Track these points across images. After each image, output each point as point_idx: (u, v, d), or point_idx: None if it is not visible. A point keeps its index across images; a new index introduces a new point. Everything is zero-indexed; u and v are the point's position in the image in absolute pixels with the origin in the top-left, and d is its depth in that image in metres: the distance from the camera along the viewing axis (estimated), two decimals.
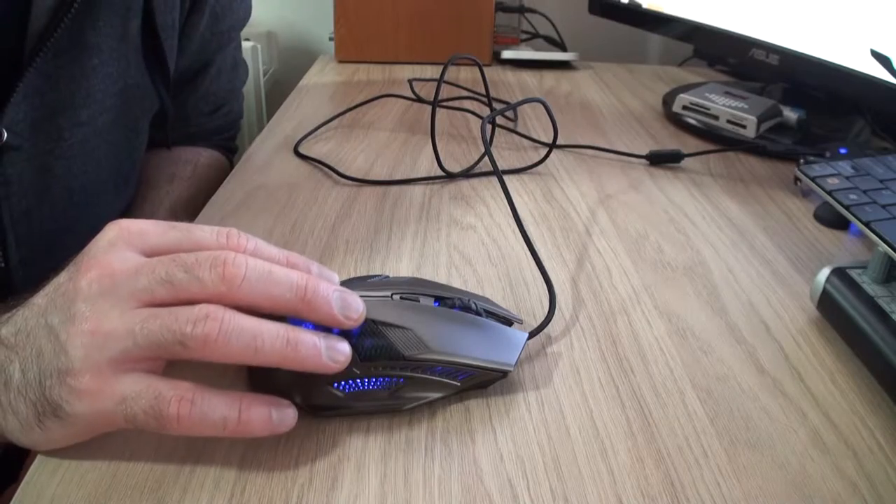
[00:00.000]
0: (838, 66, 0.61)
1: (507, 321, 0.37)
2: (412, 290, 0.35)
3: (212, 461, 0.29)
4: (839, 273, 0.39)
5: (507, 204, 0.44)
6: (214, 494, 0.28)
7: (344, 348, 0.30)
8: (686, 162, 0.63)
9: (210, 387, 0.28)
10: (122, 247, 0.29)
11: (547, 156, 0.60)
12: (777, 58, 0.66)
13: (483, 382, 0.34)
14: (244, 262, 0.28)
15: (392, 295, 0.34)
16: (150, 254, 0.30)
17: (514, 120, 0.73)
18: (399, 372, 0.32)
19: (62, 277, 0.29)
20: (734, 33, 0.72)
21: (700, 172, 0.62)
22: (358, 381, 0.31)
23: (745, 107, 0.68)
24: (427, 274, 0.44)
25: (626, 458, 0.31)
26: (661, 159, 0.63)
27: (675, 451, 0.31)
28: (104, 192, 0.55)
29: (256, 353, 0.28)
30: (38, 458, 0.30)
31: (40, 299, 0.29)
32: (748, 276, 0.45)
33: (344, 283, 0.34)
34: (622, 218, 0.52)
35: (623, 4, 0.86)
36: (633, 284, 0.44)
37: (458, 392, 0.33)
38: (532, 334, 0.36)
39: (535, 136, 0.68)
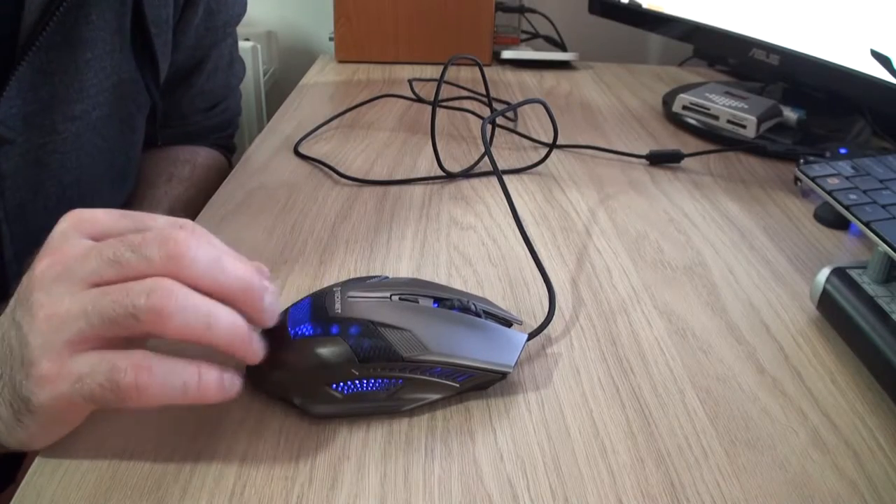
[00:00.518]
0: (838, 66, 0.61)
1: (507, 322, 0.37)
2: (411, 290, 0.34)
3: (212, 461, 0.29)
4: (839, 273, 0.39)
5: (507, 204, 0.43)
6: (214, 494, 0.28)
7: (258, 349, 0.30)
8: (686, 162, 0.63)
9: (165, 354, 0.28)
10: (74, 234, 0.29)
11: (547, 156, 0.60)
12: (777, 58, 0.66)
13: (482, 383, 0.34)
14: (193, 242, 0.28)
15: (391, 296, 0.34)
16: (102, 239, 0.30)
17: (515, 120, 0.73)
18: (398, 373, 0.31)
19: (28, 274, 0.30)
20: (734, 33, 0.72)
21: (700, 172, 0.62)
22: (356, 382, 0.31)
23: (745, 107, 0.68)
24: (427, 274, 0.44)
25: (626, 458, 0.31)
26: (661, 159, 0.63)
27: (675, 451, 0.31)
28: (99, 187, 0.55)
29: (209, 331, 0.28)
30: (38, 459, 0.30)
31: (12, 299, 0.30)
32: (748, 276, 0.45)
33: (343, 284, 0.34)
34: (622, 218, 0.52)
35: (623, 4, 0.86)
36: (633, 284, 0.44)
37: (458, 393, 0.33)
38: (531, 335, 0.36)
39: (535, 136, 0.68)
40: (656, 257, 0.47)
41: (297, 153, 0.62)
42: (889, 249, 0.37)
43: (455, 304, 0.35)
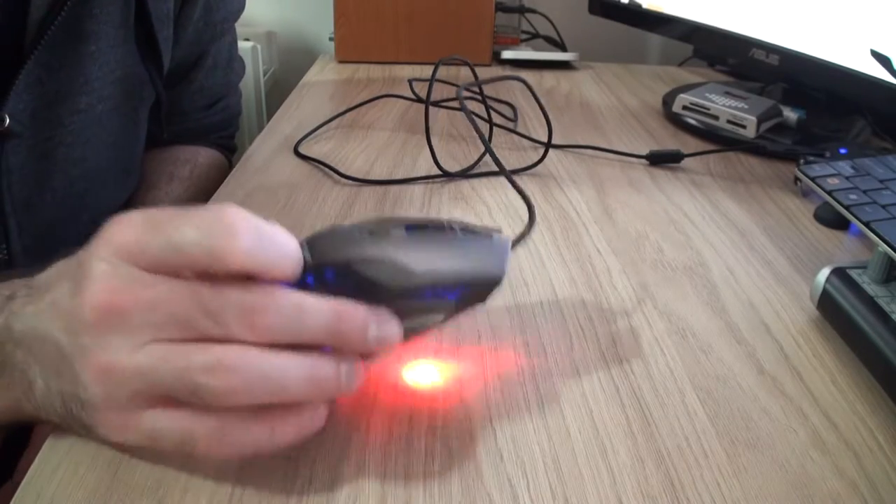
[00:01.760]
0: (838, 66, 0.61)
1: (488, 233, 0.34)
2: (380, 225, 0.31)
3: (212, 461, 0.29)
4: (839, 273, 0.39)
5: (507, 205, 0.43)
6: (214, 494, 0.28)
7: (357, 374, 0.28)
8: (686, 162, 0.63)
9: (240, 412, 0.27)
10: (121, 264, 0.26)
11: (544, 156, 0.60)
12: (777, 58, 0.66)
13: (478, 296, 0.32)
14: (274, 306, 0.26)
15: (359, 233, 0.30)
16: (143, 261, 0.26)
17: (515, 120, 0.73)
18: (386, 306, 0.29)
19: (62, 291, 0.27)
20: (734, 33, 0.72)
21: (700, 172, 0.62)
22: None
23: (745, 107, 0.68)
24: None
25: (626, 458, 0.31)
26: (661, 159, 0.63)
27: (675, 451, 0.31)
28: (105, 181, 0.56)
29: (282, 393, 0.26)
30: (38, 459, 0.30)
31: (44, 300, 0.28)
32: (748, 276, 0.45)
33: (307, 238, 0.31)
34: (622, 218, 0.52)
35: (623, 4, 0.86)
36: (633, 284, 0.44)
37: (456, 313, 0.31)
38: (515, 242, 0.34)
39: (535, 137, 0.68)
40: (656, 257, 0.47)
41: (297, 153, 0.62)
42: (889, 249, 0.37)
43: (428, 226, 0.32)
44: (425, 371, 0.35)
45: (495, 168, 0.47)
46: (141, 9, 0.54)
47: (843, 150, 0.57)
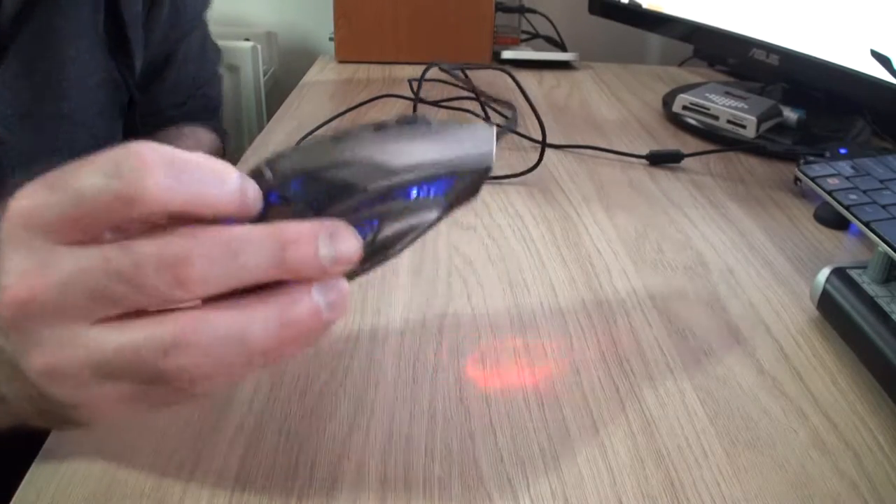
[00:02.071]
0: (838, 66, 0.61)
1: (467, 126, 0.30)
2: (345, 131, 0.27)
3: (212, 461, 0.29)
4: (839, 273, 0.39)
5: (506, 206, 0.43)
6: (214, 495, 0.28)
7: (342, 288, 0.25)
8: (686, 162, 0.63)
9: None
10: (32, 242, 0.22)
11: (541, 157, 0.60)
12: (777, 58, 0.66)
13: (468, 189, 0.29)
14: (197, 250, 0.22)
15: (323, 141, 0.27)
16: (60, 236, 0.22)
17: (514, 120, 0.73)
18: (368, 212, 0.26)
19: None
20: (734, 33, 0.72)
21: (700, 172, 0.62)
22: None
23: (745, 107, 0.68)
24: (427, 275, 0.44)
25: (626, 458, 0.31)
26: (661, 159, 0.63)
27: (675, 451, 0.31)
28: None
29: (257, 358, 0.23)
30: (38, 459, 0.30)
31: None
32: (748, 276, 0.45)
33: (269, 160, 0.27)
34: (622, 218, 0.52)
35: (623, 4, 0.86)
36: (633, 284, 0.44)
37: (448, 211, 0.29)
38: (500, 130, 0.30)
39: (535, 137, 0.68)
40: (656, 257, 0.47)
41: None
42: (889, 249, 0.37)
43: (399, 121, 0.28)
44: (425, 371, 0.35)
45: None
46: (113, 11, 0.53)
47: (843, 150, 0.57)
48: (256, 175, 0.26)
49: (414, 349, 0.37)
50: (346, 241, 0.25)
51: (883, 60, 0.57)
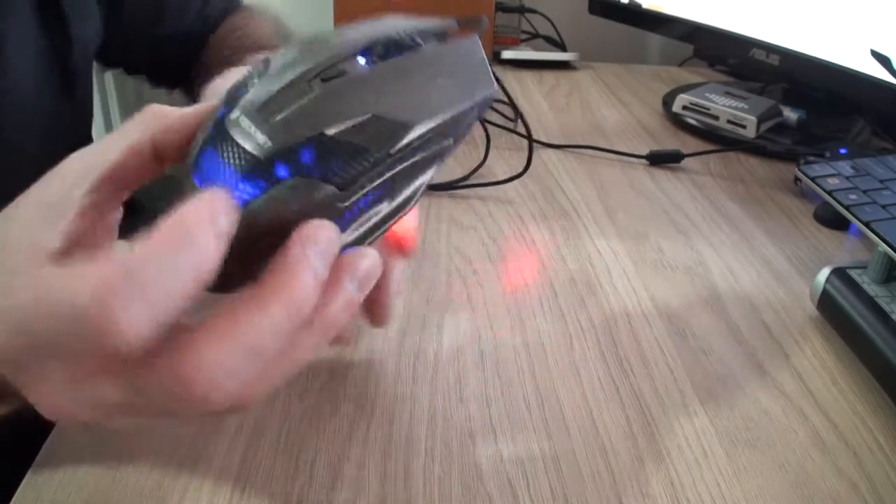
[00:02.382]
0: (838, 66, 0.61)
1: (443, 33, 0.29)
2: (321, 61, 0.24)
3: (212, 461, 0.29)
4: (839, 273, 0.39)
5: (506, 206, 0.43)
6: (214, 495, 0.28)
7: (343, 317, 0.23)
8: (686, 162, 0.63)
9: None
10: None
11: (529, 158, 0.60)
12: (777, 58, 0.66)
13: (474, 119, 0.27)
14: (213, 370, 0.20)
15: (310, 83, 0.23)
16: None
17: (515, 120, 0.73)
18: (389, 172, 0.24)
19: None
20: (734, 33, 0.72)
21: (700, 172, 0.62)
22: (348, 212, 0.24)
23: (745, 107, 0.68)
24: (427, 275, 0.44)
25: (626, 458, 0.31)
26: (661, 159, 0.63)
27: (675, 451, 0.31)
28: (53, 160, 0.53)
29: (284, 365, 0.22)
30: (38, 459, 0.30)
31: None
32: (748, 276, 0.45)
33: (228, 99, 0.24)
34: (622, 218, 0.52)
35: (623, 4, 0.86)
36: (633, 284, 0.44)
37: (456, 147, 0.27)
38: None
39: (535, 137, 0.68)
40: (656, 257, 0.47)
41: None
42: (889, 249, 0.37)
43: (388, 48, 0.25)
44: (425, 371, 0.35)
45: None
46: None
47: (843, 150, 0.57)
48: (228, 123, 0.23)
49: (414, 349, 0.37)
50: (365, 261, 0.23)
51: (883, 60, 0.57)
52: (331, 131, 0.22)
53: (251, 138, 0.22)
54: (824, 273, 0.40)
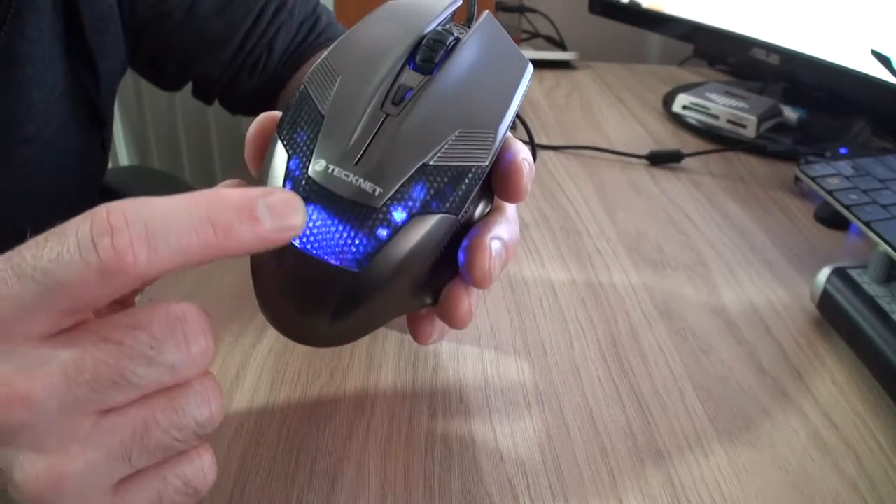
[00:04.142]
0: (838, 66, 0.61)
1: (467, 22, 0.30)
2: (379, 82, 0.24)
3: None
4: (839, 273, 0.39)
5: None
6: (214, 495, 0.28)
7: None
8: (686, 162, 0.63)
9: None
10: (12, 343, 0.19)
11: (534, 159, 0.60)
12: (777, 57, 0.66)
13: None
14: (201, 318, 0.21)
15: (381, 107, 0.23)
16: (32, 330, 0.20)
17: (514, 128, 0.73)
18: (483, 179, 0.24)
19: None
20: (734, 33, 0.72)
21: (700, 172, 0.62)
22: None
23: (746, 106, 0.68)
24: None
25: (626, 458, 0.31)
26: (661, 159, 0.63)
27: (675, 451, 0.31)
28: (71, 200, 0.51)
29: None
30: None
31: None
32: (748, 276, 0.45)
33: (292, 146, 0.23)
34: (622, 218, 0.52)
35: (623, 4, 0.86)
36: (633, 284, 0.44)
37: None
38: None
39: (534, 137, 0.68)
40: (656, 257, 0.47)
41: None
42: (889, 249, 0.37)
43: (438, 52, 0.25)
44: (425, 371, 0.35)
45: None
46: (72, 16, 0.47)
47: (843, 150, 0.57)
48: (339, 184, 0.21)
49: (414, 349, 0.37)
50: (285, 198, 0.21)
51: (883, 60, 0.57)
52: (432, 160, 0.22)
53: (356, 188, 0.21)
54: (824, 273, 0.40)
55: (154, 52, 0.55)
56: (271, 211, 0.20)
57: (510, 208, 0.28)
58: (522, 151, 0.26)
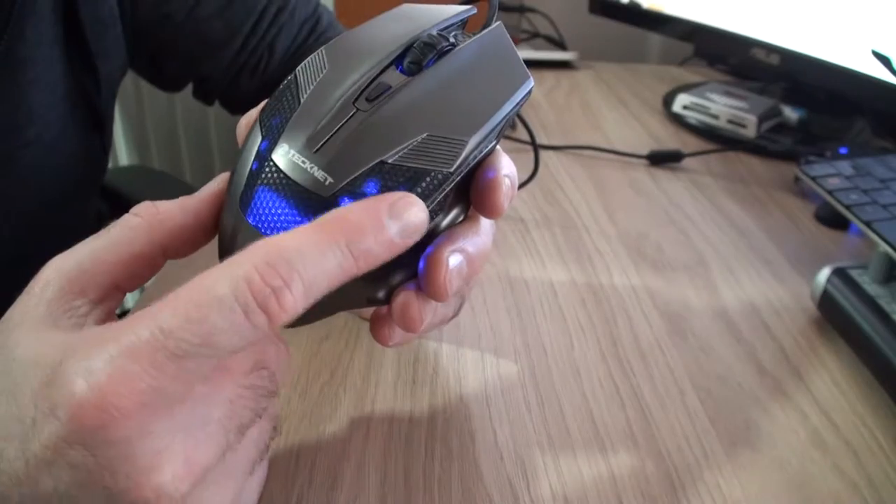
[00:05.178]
0: (838, 66, 0.61)
1: (462, 23, 0.29)
2: (361, 78, 0.24)
3: None
4: (839, 273, 0.39)
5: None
6: None
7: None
8: (686, 162, 0.63)
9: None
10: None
11: (536, 164, 0.60)
12: (777, 58, 0.66)
13: (514, 115, 0.27)
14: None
15: (354, 103, 0.23)
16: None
17: (514, 127, 0.73)
18: (448, 188, 0.24)
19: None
20: (734, 33, 0.72)
21: (700, 172, 0.62)
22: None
23: (746, 106, 0.68)
24: None
25: (626, 458, 0.31)
26: (661, 159, 0.63)
27: (675, 451, 0.31)
28: (71, 202, 0.51)
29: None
30: None
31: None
32: (748, 276, 0.45)
33: (266, 133, 0.24)
34: (622, 218, 0.52)
35: (623, 4, 0.86)
36: (633, 284, 0.44)
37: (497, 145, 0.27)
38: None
39: (535, 137, 0.68)
40: (656, 257, 0.47)
41: None
42: (889, 249, 0.37)
43: (427, 56, 0.25)
44: (425, 371, 0.35)
45: None
46: (73, 18, 0.47)
47: (843, 150, 0.57)
48: (285, 163, 0.22)
49: (414, 349, 0.37)
50: (411, 209, 0.22)
51: (883, 60, 0.57)
52: (390, 159, 0.22)
53: (309, 176, 0.22)
54: (825, 273, 0.40)
55: (155, 53, 0.55)
56: (395, 218, 0.22)
57: (485, 220, 0.28)
58: (506, 168, 0.26)
